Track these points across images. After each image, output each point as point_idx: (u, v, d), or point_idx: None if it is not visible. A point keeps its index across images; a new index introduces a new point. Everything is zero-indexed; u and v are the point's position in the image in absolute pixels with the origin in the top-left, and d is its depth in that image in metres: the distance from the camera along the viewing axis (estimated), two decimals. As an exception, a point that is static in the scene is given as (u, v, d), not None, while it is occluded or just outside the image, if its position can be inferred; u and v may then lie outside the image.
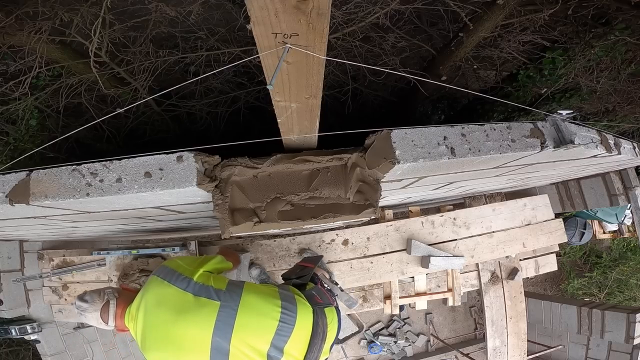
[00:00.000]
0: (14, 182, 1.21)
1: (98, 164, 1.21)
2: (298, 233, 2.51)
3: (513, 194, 3.08)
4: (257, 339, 1.25)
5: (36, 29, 2.03)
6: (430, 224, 2.61)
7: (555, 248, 3.05)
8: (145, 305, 1.30)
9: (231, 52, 2.45)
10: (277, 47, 0.72)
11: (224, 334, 1.23)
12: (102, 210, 1.46)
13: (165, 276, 1.33)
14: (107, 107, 2.73)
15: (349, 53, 2.60)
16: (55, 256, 2.59)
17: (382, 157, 1.30)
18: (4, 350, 3.87)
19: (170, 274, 1.33)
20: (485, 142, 1.34)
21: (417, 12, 2.54)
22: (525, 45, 2.80)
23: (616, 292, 5.47)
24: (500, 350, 2.88)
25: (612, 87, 3.01)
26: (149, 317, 1.28)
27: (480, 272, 2.83)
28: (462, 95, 3.53)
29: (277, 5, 0.61)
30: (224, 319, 1.24)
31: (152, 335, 1.27)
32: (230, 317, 1.25)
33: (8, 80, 2.37)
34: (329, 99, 3.01)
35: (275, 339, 1.26)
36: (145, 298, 1.31)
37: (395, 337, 4.49)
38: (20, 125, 2.67)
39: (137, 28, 2.28)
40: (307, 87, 0.92)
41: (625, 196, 3.02)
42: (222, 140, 1.20)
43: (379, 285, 2.69)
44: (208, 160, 1.30)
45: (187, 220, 2.15)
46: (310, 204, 1.45)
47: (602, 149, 1.61)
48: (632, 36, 2.42)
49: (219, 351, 1.23)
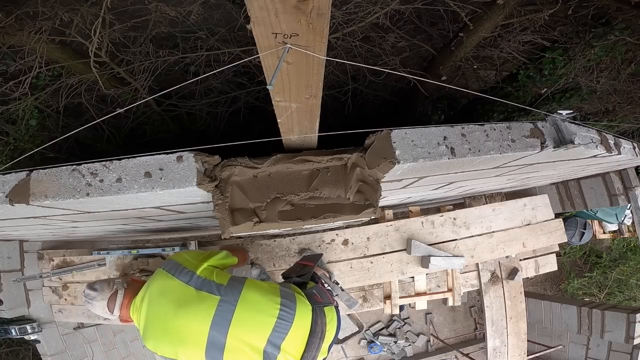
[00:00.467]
0: (14, 182, 1.21)
1: (98, 164, 1.21)
2: (298, 233, 2.51)
3: (513, 194, 3.08)
4: (253, 335, 1.26)
5: (36, 29, 2.03)
6: (430, 224, 2.61)
7: (555, 248, 3.05)
8: (149, 296, 1.34)
9: (231, 52, 2.45)
10: (277, 47, 0.72)
11: (220, 328, 1.25)
12: (102, 210, 1.46)
13: (170, 269, 1.38)
14: (107, 107, 2.73)
15: (349, 53, 2.60)
16: (55, 256, 2.59)
17: (382, 157, 1.30)
18: (4, 350, 3.87)
19: (175, 267, 1.38)
20: (485, 142, 1.34)
21: (417, 12, 2.54)
22: (525, 45, 2.80)
23: (616, 292, 5.47)
24: (500, 350, 2.88)
25: (612, 87, 3.01)
26: (151, 307, 1.32)
27: (480, 272, 2.83)
28: (462, 95, 3.53)
29: (277, 5, 0.61)
30: (222, 314, 1.26)
31: (153, 326, 1.30)
32: (229, 312, 1.27)
33: (8, 80, 2.37)
34: (329, 99, 3.01)
35: (272, 336, 1.27)
36: (149, 290, 1.36)
37: (395, 337, 4.49)
38: (20, 125, 2.67)
39: (137, 28, 2.28)
40: (307, 87, 0.92)
41: (625, 196, 3.02)
42: (222, 140, 1.20)
43: (379, 285, 2.69)
44: (208, 160, 1.30)
45: (187, 220, 2.15)
46: (310, 204, 1.45)
47: (602, 149, 1.61)
48: (632, 36, 2.42)
49: (214, 345, 1.24)
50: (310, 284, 1.61)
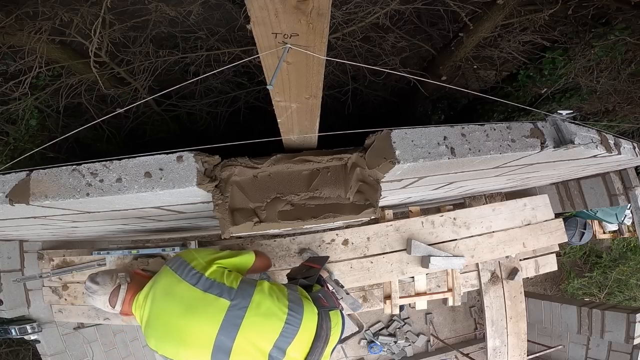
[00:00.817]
0: (14, 182, 1.21)
1: (98, 164, 1.21)
2: (298, 233, 2.51)
3: (513, 194, 3.08)
4: (261, 339, 1.25)
5: (36, 29, 2.03)
6: (430, 224, 2.61)
7: (555, 248, 3.05)
8: (153, 294, 1.31)
9: (231, 52, 2.44)
10: (277, 47, 0.72)
11: (229, 333, 1.23)
12: (102, 210, 1.46)
13: (177, 268, 1.33)
14: (107, 107, 2.73)
15: (349, 53, 2.60)
16: (55, 256, 2.59)
17: (382, 157, 1.30)
18: (4, 350, 3.87)
19: (182, 267, 1.33)
20: (485, 142, 1.34)
21: (417, 12, 2.54)
22: (525, 45, 2.80)
23: (616, 292, 5.47)
24: (500, 350, 2.87)
25: (612, 87, 3.01)
26: (155, 306, 1.29)
27: (480, 272, 2.83)
28: (462, 95, 3.53)
29: (277, 5, 0.61)
30: (232, 319, 1.24)
31: (156, 325, 1.29)
32: (239, 317, 1.25)
33: (8, 80, 2.37)
34: (329, 99, 3.01)
35: (279, 340, 1.26)
36: (154, 288, 1.32)
37: (395, 337, 4.49)
38: (20, 125, 2.67)
39: (137, 28, 2.28)
40: (307, 87, 0.92)
41: (625, 196, 3.02)
42: (222, 140, 1.20)
43: (379, 285, 2.69)
44: (208, 160, 1.30)
45: (187, 220, 2.15)
46: (310, 204, 1.45)
47: (602, 149, 1.61)
48: (632, 36, 2.42)
49: (221, 349, 1.23)
50: (316, 286, 1.59)
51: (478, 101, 3.36)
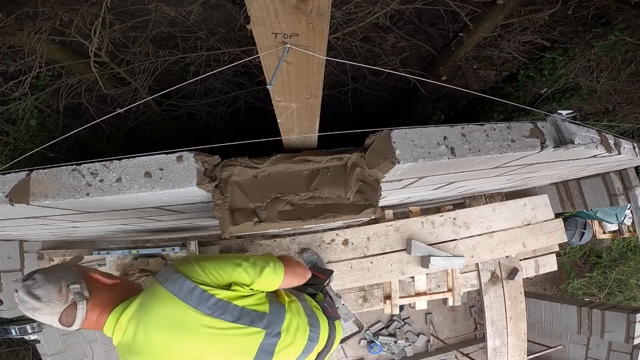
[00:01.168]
0: (14, 182, 1.21)
1: (98, 164, 1.21)
2: (298, 233, 2.51)
3: (513, 194, 3.08)
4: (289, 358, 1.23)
5: (36, 29, 2.03)
6: (430, 224, 2.61)
7: (555, 248, 3.05)
8: (147, 323, 1.04)
9: (231, 52, 2.45)
10: (277, 47, 0.72)
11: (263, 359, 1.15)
12: (102, 210, 1.46)
13: (185, 295, 1.04)
14: (107, 107, 2.73)
15: (349, 53, 2.60)
16: (55, 256, 2.59)
17: (382, 157, 1.30)
18: (4, 350, 3.87)
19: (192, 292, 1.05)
20: (485, 142, 1.34)
21: (417, 12, 2.54)
22: (525, 45, 2.80)
23: (616, 292, 5.47)
24: (500, 350, 2.88)
25: (612, 87, 3.01)
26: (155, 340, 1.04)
27: (480, 272, 2.83)
28: (462, 95, 3.53)
29: (277, 5, 0.61)
30: (266, 347, 1.13)
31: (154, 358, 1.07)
32: (273, 344, 1.15)
33: (8, 80, 2.37)
34: (329, 99, 3.01)
35: (300, 356, 1.25)
36: (147, 313, 1.05)
37: (395, 337, 4.49)
38: (20, 125, 2.67)
39: (137, 28, 2.28)
40: (307, 87, 0.92)
41: (625, 196, 3.02)
42: (222, 140, 1.20)
43: (379, 285, 2.69)
44: (208, 160, 1.30)
45: (187, 220, 2.15)
46: (310, 204, 1.45)
47: (602, 149, 1.61)
48: (632, 36, 2.43)
49: None
50: (320, 295, 1.58)
51: (478, 101, 3.36)
